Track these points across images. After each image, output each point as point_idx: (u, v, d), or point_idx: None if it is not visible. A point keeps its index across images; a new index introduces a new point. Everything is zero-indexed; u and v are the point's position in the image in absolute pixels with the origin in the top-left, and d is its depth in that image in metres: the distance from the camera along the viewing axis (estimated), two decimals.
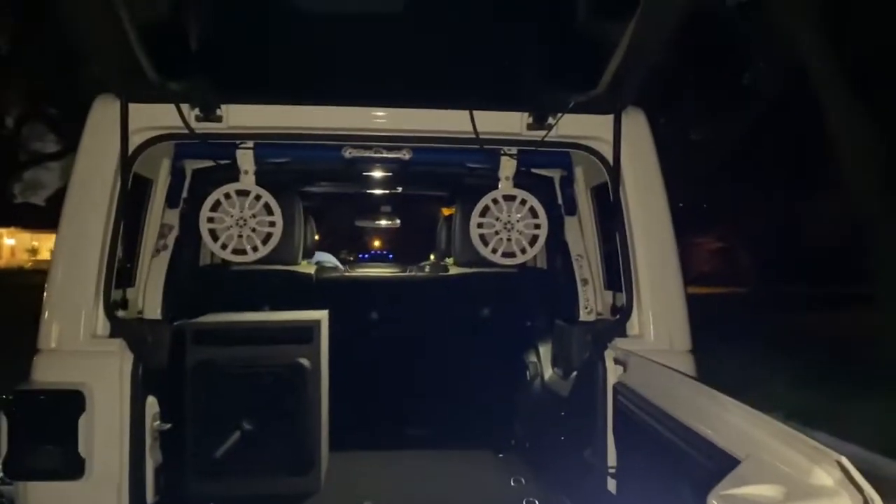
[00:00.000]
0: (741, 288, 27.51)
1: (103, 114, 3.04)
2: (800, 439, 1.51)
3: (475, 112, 3.03)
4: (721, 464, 1.77)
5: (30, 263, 43.80)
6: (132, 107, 2.95)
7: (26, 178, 37.98)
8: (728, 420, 1.86)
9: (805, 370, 10.74)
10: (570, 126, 3.14)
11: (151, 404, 2.96)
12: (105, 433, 2.79)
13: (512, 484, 3.53)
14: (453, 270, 4.55)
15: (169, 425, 3.05)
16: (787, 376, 10.38)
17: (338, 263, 6.53)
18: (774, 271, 25.30)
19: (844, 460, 1.33)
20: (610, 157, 3.10)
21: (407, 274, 5.34)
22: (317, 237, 6.80)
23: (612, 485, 2.83)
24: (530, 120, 3.11)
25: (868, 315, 12.89)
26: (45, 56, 21.46)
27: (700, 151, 24.03)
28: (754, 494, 1.49)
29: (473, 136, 3.05)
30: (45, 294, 2.96)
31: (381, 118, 3.12)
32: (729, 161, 23.19)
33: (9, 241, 50.35)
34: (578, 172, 3.80)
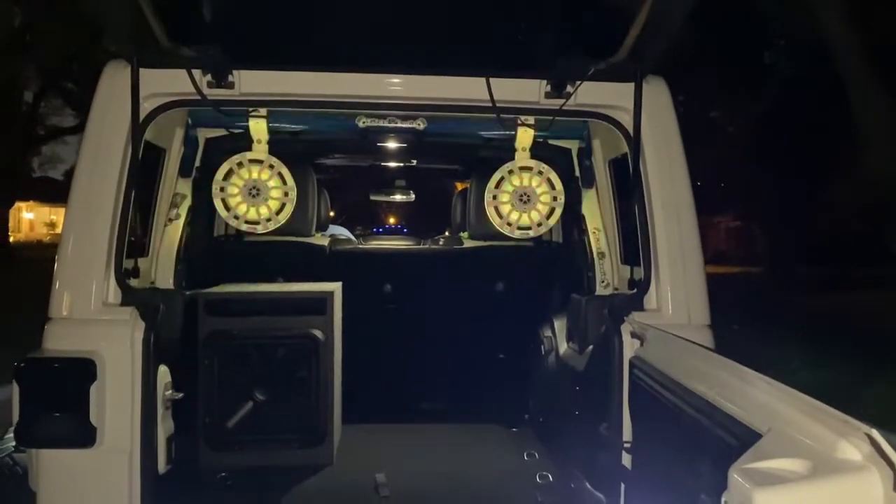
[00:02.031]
0: (756, 268, 27.31)
1: (114, 80, 3.00)
2: (826, 412, 1.45)
3: (492, 80, 2.96)
4: (742, 438, 1.71)
5: (48, 237, 44.22)
6: (144, 73, 2.91)
7: (44, 153, 38.19)
8: (749, 393, 1.81)
9: (821, 351, 10.66)
10: (589, 94, 3.07)
11: (163, 373, 2.94)
12: (116, 401, 2.77)
13: (525, 458, 3.50)
14: (468, 244, 4.49)
15: (181, 394, 3.03)
16: (802, 356, 10.30)
17: (352, 237, 6.49)
18: (791, 252, 25.07)
19: (875, 433, 1.28)
20: (630, 127, 3.03)
21: (420, 247, 5.29)
22: (332, 214, 6.76)
23: (627, 459, 2.79)
24: (548, 88, 3.03)
25: (886, 296, 12.77)
26: (62, 29, 21.44)
27: (719, 130, 23.78)
28: (777, 469, 1.43)
29: (490, 104, 2.98)
30: (56, 262, 2.94)
31: (395, 85, 3.06)
32: (748, 141, 22.93)
33: (28, 215, 50.79)
34: (597, 144, 3.73)
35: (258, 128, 3.49)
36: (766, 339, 11.44)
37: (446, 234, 5.99)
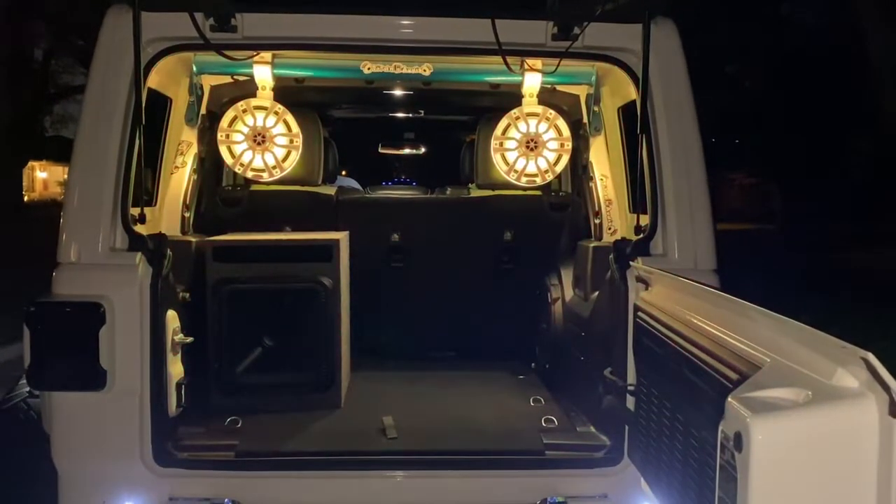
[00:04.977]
0: (771, 225, 27.10)
1: (117, 24, 2.98)
2: (825, 340, 1.44)
3: (498, 21, 2.91)
4: (742, 372, 1.72)
5: (62, 196, 44.30)
6: (146, 17, 2.88)
7: (56, 112, 38.07)
8: (750, 327, 1.81)
9: (837, 307, 10.60)
10: (596, 36, 3.02)
11: (172, 318, 2.96)
12: (126, 345, 2.80)
13: (531, 403, 3.52)
14: (475, 193, 4.47)
15: (190, 339, 3.06)
16: (818, 312, 10.25)
17: (359, 187, 6.46)
18: (807, 208, 24.83)
19: (871, 357, 1.27)
20: (638, 70, 2.98)
21: (427, 196, 5.27)
22: (344, 173, 6.71)
23: (630, 402, 2.80)
24: (555, 30, 2.99)
25: None
26: None
27: (734, 85, 23.43)
28: (775, 397, 1.44)
29: (496, 46, 2.94)
30: (63, 209, 2.95)
31: (400, 27, 3.02)
32: (763, 95, 22.61)
33: (41, 175, 50.92)
34: (605, 91, 3.68)
35: (262, 74, 3.46)
36: (782, 294, 11.36)
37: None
